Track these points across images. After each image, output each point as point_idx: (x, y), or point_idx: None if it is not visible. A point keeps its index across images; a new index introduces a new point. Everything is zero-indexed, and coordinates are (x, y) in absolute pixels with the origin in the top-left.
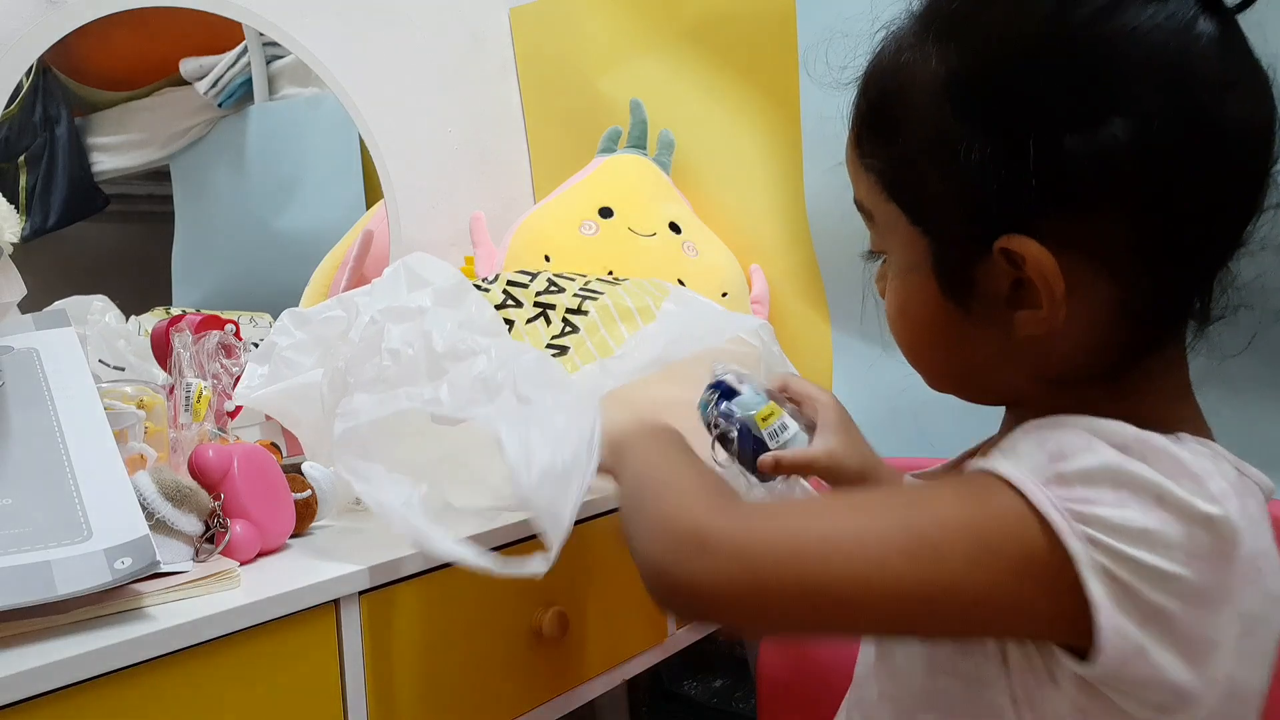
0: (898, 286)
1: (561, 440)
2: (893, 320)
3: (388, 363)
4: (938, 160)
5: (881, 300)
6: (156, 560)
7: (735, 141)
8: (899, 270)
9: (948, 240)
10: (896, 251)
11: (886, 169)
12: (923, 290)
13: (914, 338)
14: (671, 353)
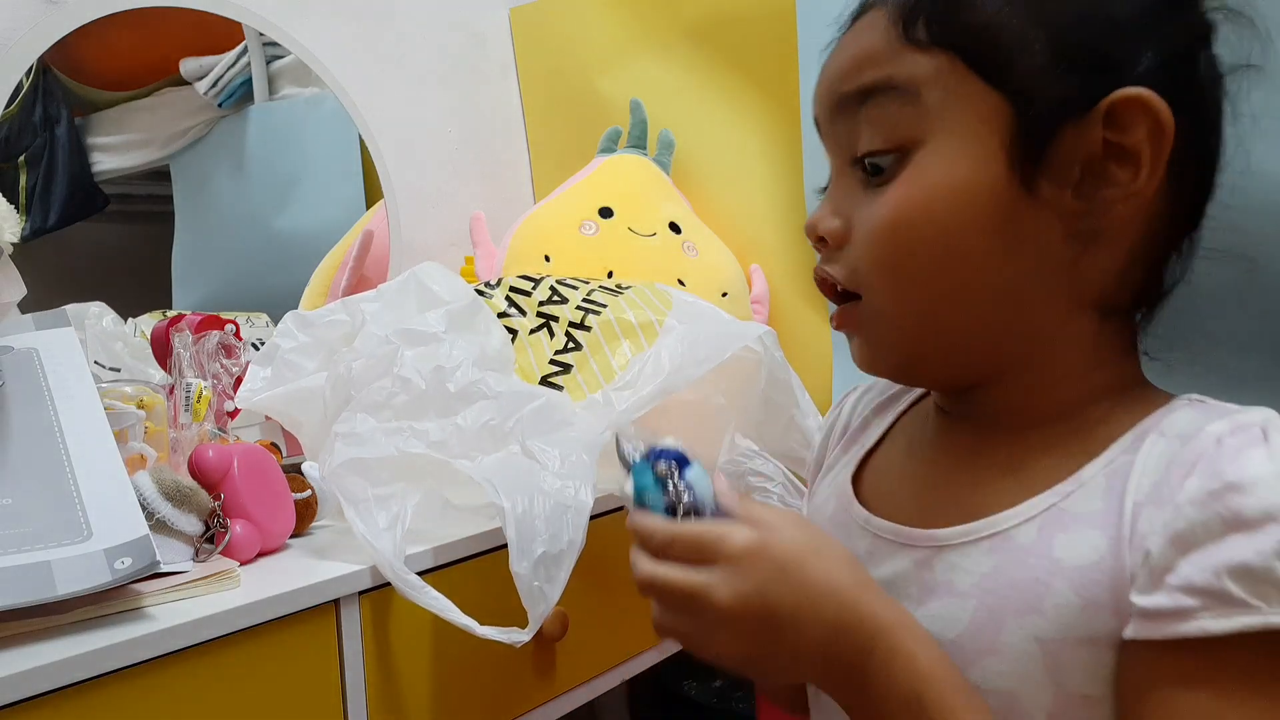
0: (926, 173)
1: (561, 516)
2: (903, 225)
3: (396, 389)
4: (1068, 16)
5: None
6: (156, 560)
7: (735, 141)
8: (937, 155)
9: (1037, 99)
10: (937, 132)
11: (963, 32)
12: (971, 174)
13: (936, 246)
14: (675, 382)
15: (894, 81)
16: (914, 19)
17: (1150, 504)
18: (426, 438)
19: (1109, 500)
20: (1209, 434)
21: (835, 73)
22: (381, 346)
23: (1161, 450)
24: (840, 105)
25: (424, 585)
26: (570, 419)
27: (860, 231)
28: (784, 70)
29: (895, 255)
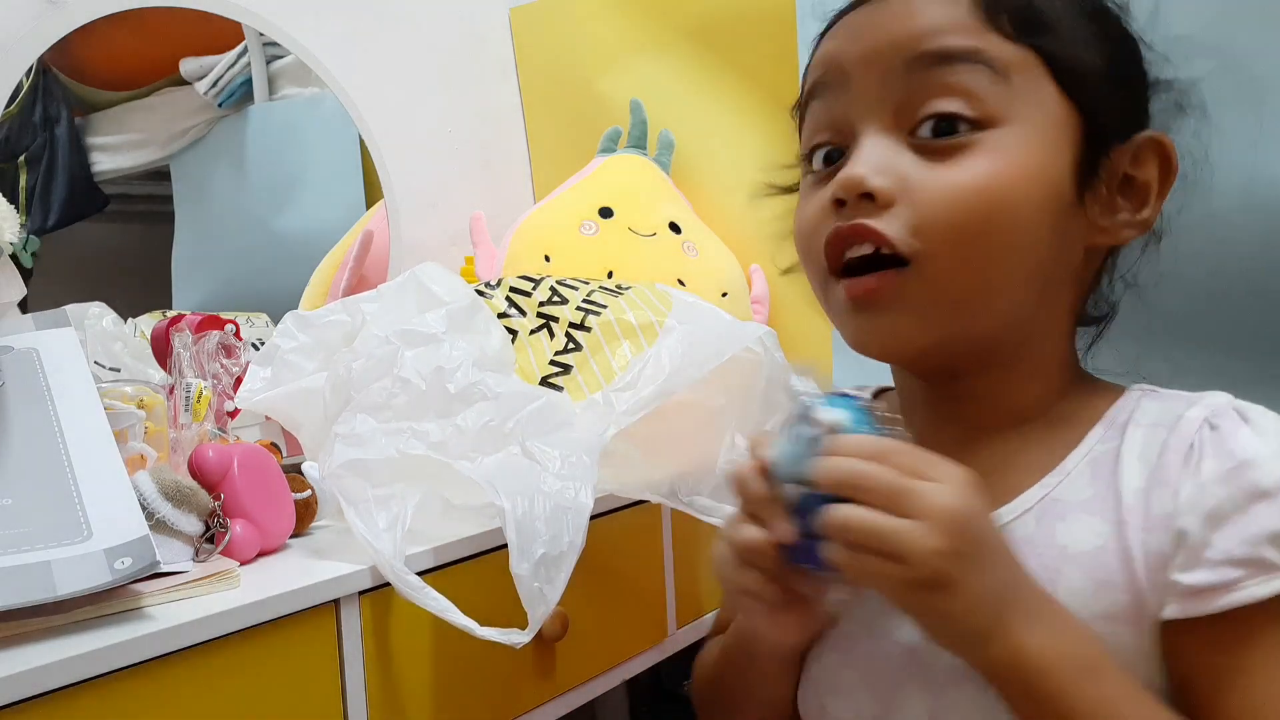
0: (1010, 154)
1: (561, 517)
2: (986, 195)
3: (396, 390)
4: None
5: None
6: (156, 560)
7: (735, 141)
8: (1017, 138)
9: (1102, 117)
10: (1020, 119)
11: (1052, 36)
12: (1046, 166)
13: (1010, 215)
14: (675, 383)
15: (985, 56)
16: (997, 9)
17: (1156, 487)
18: (426, 438)
19: (1097, 487)
20: (1192, 419)
21: (906, 29)
22: (381, 347)
23: (1144, 438)
24: (912, 62)
25: (424, 586)
26: (570, 420)
27: (928, 194)
28: (784, 70)
29: (974, 222)
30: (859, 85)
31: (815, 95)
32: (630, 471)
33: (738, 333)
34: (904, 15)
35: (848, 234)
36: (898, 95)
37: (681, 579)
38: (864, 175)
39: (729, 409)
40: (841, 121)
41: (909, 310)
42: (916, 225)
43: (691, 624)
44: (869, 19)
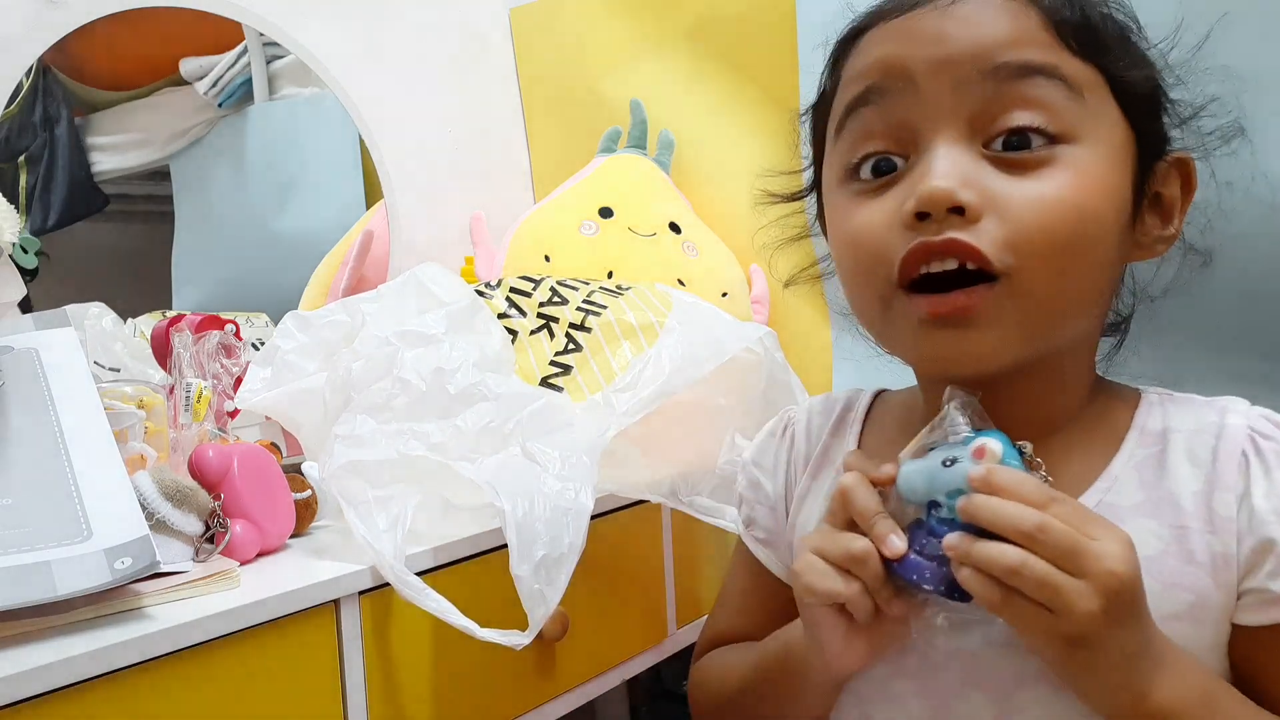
0: (1089, 167)
1: (561, 519)
2: (1077, 207)
3: (396, 391)
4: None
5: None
6: (156, 560)
7: (735, 141)
8: (1094, 155)
9: (1148, 140)
10: (1094, 137)
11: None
12: (1117, 184)
13: (1095, 228)
14: (675, 383)
15: (1062, 73)
16: (1065, 25)
17: (1216, 490)
18: (427, 440)
19: (1148, 492)
20: (1237, 427)
21: (982, 38)
22: (381, 348)
23: (1187, 446)
24: (990, 72)
25: (425, 587)
26: (570, 420)
27: (1020, 207)
28: (784, 70)
29: (1064, 236)
30: (929, 92)
31: (868, 101)
32: (630, 471)
33: (738, 333)
34: (977, 24)
35: (940, 249)
36: (973, 105)
37: (681, 579)
38: (954, 188)
39: (729, 409)
40: (902, 130)
41: (1000, 327)
42: (1009, 239)
43: (691, 624)
44: (935, 25)
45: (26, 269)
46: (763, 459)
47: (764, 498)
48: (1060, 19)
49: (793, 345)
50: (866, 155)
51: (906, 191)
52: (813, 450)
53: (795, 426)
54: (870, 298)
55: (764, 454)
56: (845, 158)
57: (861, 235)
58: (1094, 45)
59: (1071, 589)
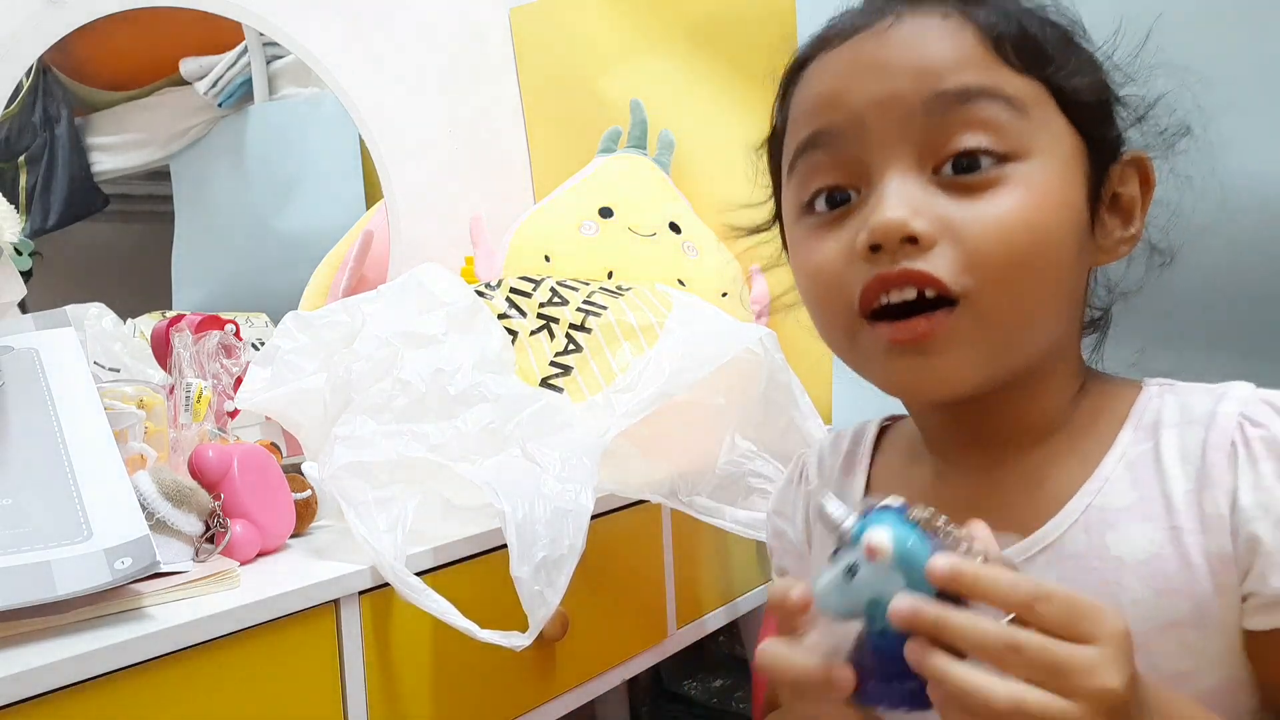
0: (1040, 184)
1: (561, 520)
2: (1027, 227)
3: (396, 392)
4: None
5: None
6: (156, 560)
7: (735, 141)
8: (1044, 170)
9: (1100, 145)
10: (1042, 151)
11: (1055, 67)
12: (1070, 196)
13: (1050, 245)
14: (675, 384)
15: (1004, 92)
16: (1002, 41)
17: (1206, 488)
18: (427, 441)
19: (1140, 490)
20: (1227, 414)
21: (920, 67)
22: (381, 349)
23: (1179, 438)
24: (932, 101)
25: (425, 588)
26: (570, 421)
27: (974, 230)
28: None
29: (1020, 254)
30: (875, 129)
31: (817, 144)
32: (630, 471)
33: (738, 334)
34: (913, 51)
35: (896, 280)
36: (919, 135)
37: (681, 579)
38: (905, 218)
39: (729, 409)
40: (853, 164)
41: (962, 349)
42: (965, 263)
43: (691, 624)
44: (873, 56)
45: (20, 271)
46: (783, 507)
47: (789, 546)
48: (997, 35)
49: (793, 345)
50: (819, 190)
51: (860, 223)
52: (826, 488)
53: (809, 469)
54: (836, 329)
55: (783, 502)
56: (799, 194)
57: (820, 270)
58: (1034, 57)
59: (1061, 713)
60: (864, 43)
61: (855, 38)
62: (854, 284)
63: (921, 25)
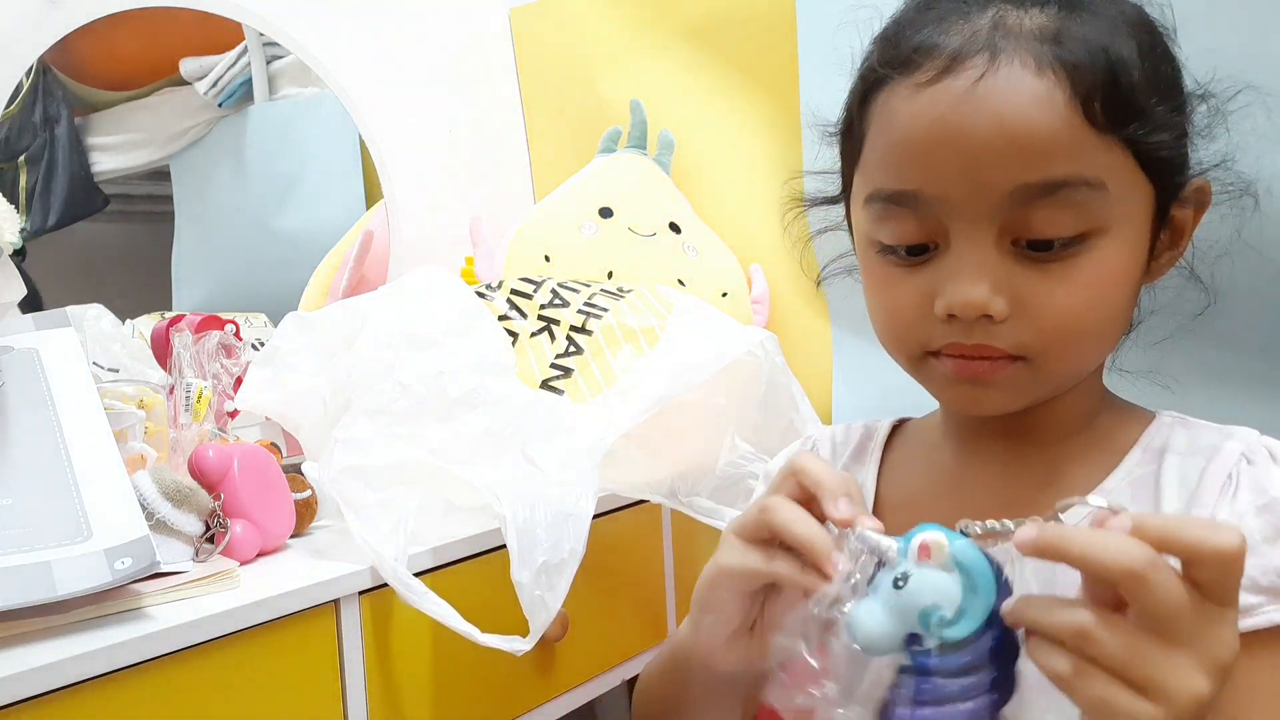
0: (1113, 258)
1: (562, 524)
2: (1096, 306)
3: (396, 394)
4: (1172, 106)
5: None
6: (156, 560)
7: (735, 141)
8: (1117, 242)
9: (1169, 186)
10: (1119, 220)
11: (1139, 123)
12: (1138, 255)
13: (1113, 310)
14: (676, 387)
15: (1087, 177)
16: (1091, 99)
17: (1194, 508)
18: (427, 443)
19: (1139, 506)
20: (1231, 451)
21: (1009, 150)
22: (381, 350)
23: (1181, 465)
24: (1019, 191)
25: (426, 591)
26: (571, 424)
27: (1042, 307)
28: (784, 70)
29: (1085, 331)
30: (959, 203)
31: (900, 202)
32: (630, 471)
33: (739, 337)
34: (1003, 125)
35: (970, 352)
36: (1002, 215)
37: (681, 579)
38: (984, 299)
39: (729, 410)
40: (934, 224)
41: (1016, 389)
42: (1034, 337)
43: None
44: (961, 122)
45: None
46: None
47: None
48: (1086, 92)
49: (793, 346)
50: (899, 243)
51: (937, 278)
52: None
53: (819, 448)
54: (902, 356)
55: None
56: (874, 232)
57: (897, 311)
58: (1122, 114)
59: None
60: (953, 95)
61: (945, 80)
62: (927, 335)
63: (1013, 83)
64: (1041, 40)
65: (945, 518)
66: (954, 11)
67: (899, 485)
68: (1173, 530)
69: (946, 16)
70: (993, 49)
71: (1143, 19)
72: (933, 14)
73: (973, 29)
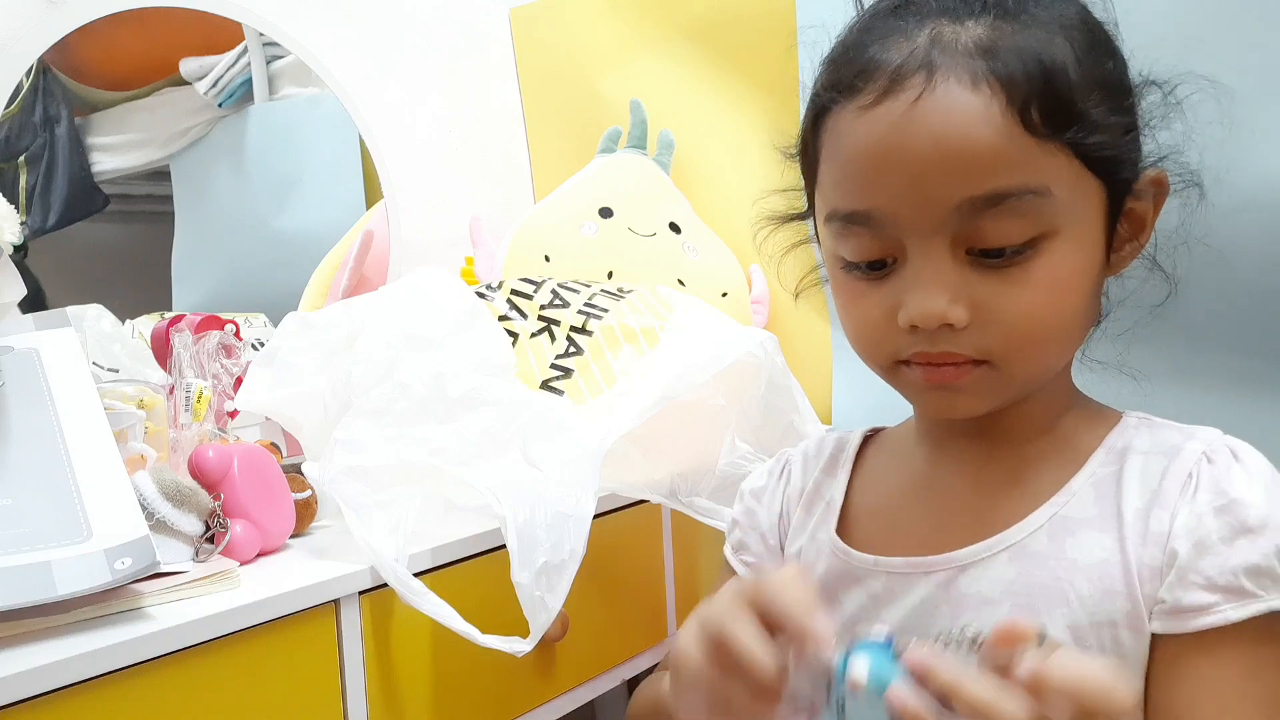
0: (1066, 258)
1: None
2: (1053, 307)
3: (397, 395)
4: (1116, 104)
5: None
6: (156, 560)
7: (735, 141)
8: (1069, 242)
9: (1119, 181)
10: (1068, 222)
11: (1078, 126)
12: (1093, 253)
13: (1073, 309)
14: (676, 388)
15: (1031, 186)
16: (1028, 107)
17: (1155, 507)
18: (427, 444)
19: (1101, 506)
20: (1192, 451)
21: (952, 166)
22: (382, 351)
23: (1143, 465)
24: (965, 204)
25: (426, 591)
26: (571, 425)
27: (1001, 312)
28: (784, 70)
29: (1046, 332)
30: (909, 219)
31: (853, 221)
32: (631, 471)
33: (739, 338)
34: (944, 141)
35: (936, 359)
36: (952, 228)
37: (681, 579)
38: (943, 309)
39: (729, 410)
40: (890, 241)
41: (983, 392)
42: (995, 342)
43: None
44: (903, 142)
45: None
46: (761, 493)
47: (757, 524)
48: (1024, 100)
49: (793, 345)
50: (859, 260)
51: (898, 291)
52: (806, 486)
53: (792, 465)
54: (875, 365)
55: (762, 489)
56: (836, 248)
57: (864, 323)
58: (1061, 118)
59: None
60: (894, 116)
61: (886, 102)
62: (895, 345)
63: (949, 100)
64: (976, 54)
65: (915, 517)
66: (894, 30)
67: (870, 493)
68: (1073, 683)
69: (887, 36)
70: (929, 68)
71: (1082, 19)
72: (873, 34)
73: (910, 48)
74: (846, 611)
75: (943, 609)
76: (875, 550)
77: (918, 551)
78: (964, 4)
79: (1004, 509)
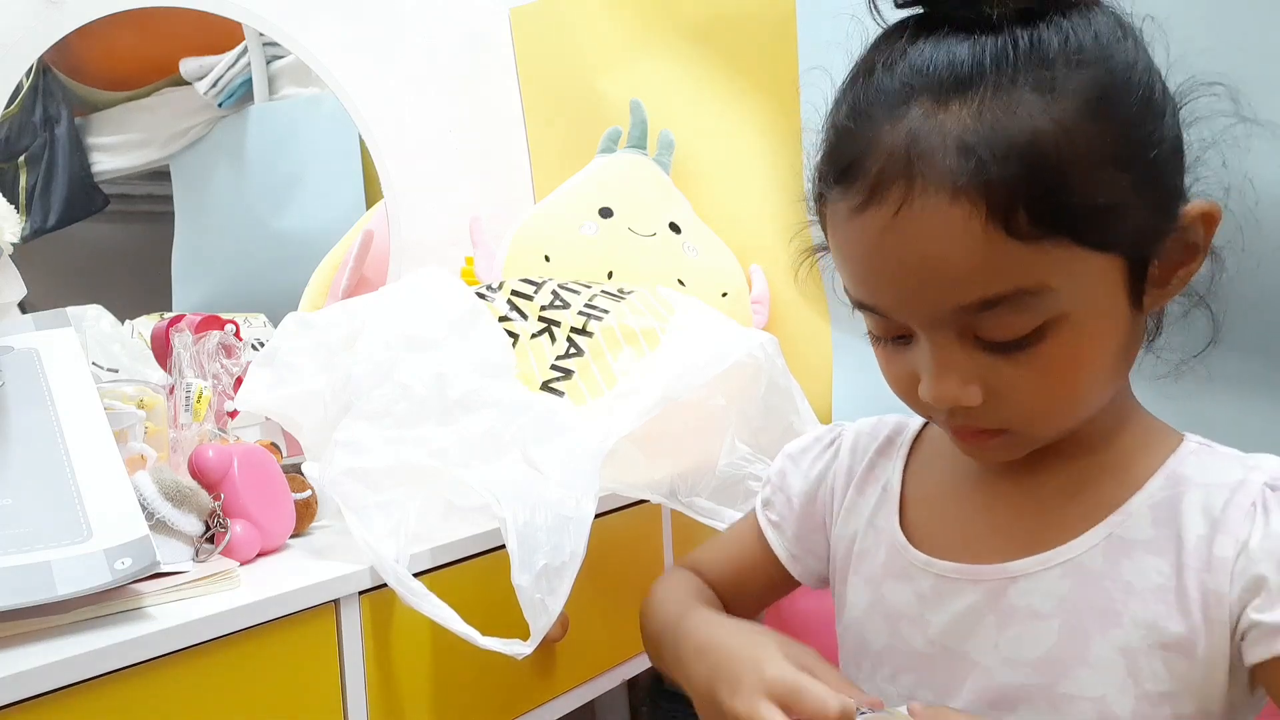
0: (1080, 336)
1: (562, 527)
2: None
3: (397, 396)
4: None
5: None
6: (156, 560)
7: (735, 141)
8: (1079, 320)
9: (1142, 241)
10: (1076, 303)
11: (1077, 219)
12: (1109, 322)
13: (1092, 377)
14: (676, 389)
15: (1024, 288)
16: (1013, 211)
17: (1219, 534)
18: (427, 446)
19: (1159, 530)
20: (1254, 482)
21: (937, 279)
22: (382, 352)
23: (1206, 495)
24: (957, 311)
25: (426, 592)
26: (572, 426)
27: (1015, 392)
28: (784, 70)
29: (1059, 403)
30: (912, 318)
31: (866, 306)
32: (631, 471)
33: (739, 339)
34: (927, 257)
35: (962, 432)
36: (956, 325)
37: None
38: (955, 395)
39: (729, 411)
40: (900, 324)
41: (1014, 449)
42: (1012, 417)
43: None
44: (889, 253)
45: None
46: (802, 457)
47: (788, 488)
48: (1008, 208)
49: (793, 345)
50: (879, 335)
51: (918, 363)
52: (857, 466)
53: (843, 441)
54: (915, 414)
55: (805, 453)
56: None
57: (897, 384)
58: (1054, 218)
59: None
60: (879, 225)
61: (870, 209)
62: (925, 407)
63: (928, 214)
64: (956, 153)
65: (966, 519)
66: (882, 116)
67: (924, 485)
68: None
69: (874, 117)
70: (908, 176)
71: (1097, 81)
72: (861, 119)
73: (891, 145)
74: (889, 603)
75: (988, 619)
76: (925, 547)
77: (966, 555)
78: (951, 74)
79: (1057, 523)
